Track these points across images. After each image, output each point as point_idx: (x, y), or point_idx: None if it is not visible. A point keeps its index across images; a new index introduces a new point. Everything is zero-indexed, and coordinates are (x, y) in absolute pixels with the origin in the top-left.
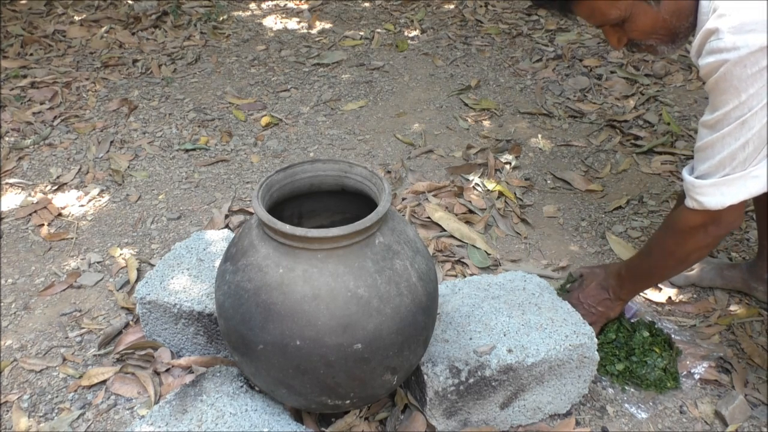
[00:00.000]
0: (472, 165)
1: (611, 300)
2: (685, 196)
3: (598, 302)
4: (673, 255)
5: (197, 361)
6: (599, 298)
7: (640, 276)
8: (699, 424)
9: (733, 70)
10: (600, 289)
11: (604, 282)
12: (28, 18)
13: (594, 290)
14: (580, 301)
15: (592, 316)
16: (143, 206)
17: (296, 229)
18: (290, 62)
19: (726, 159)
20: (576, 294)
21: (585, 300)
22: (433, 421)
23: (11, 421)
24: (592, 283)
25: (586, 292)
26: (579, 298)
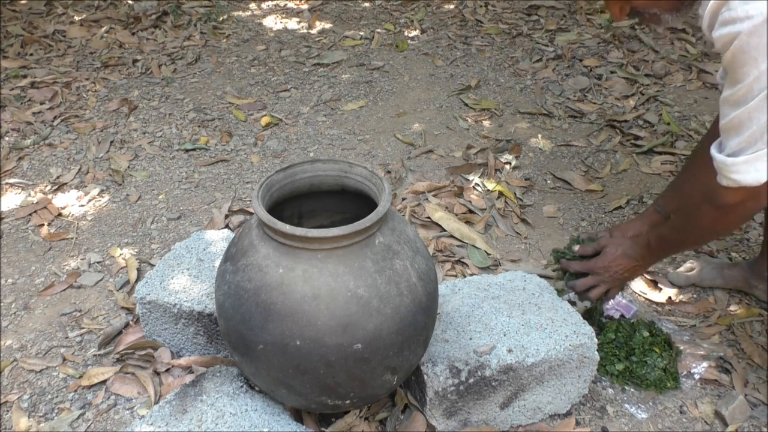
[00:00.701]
0: (472, 165)
1: (640, 266)
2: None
3: (626, 269)
4: (710, 229)
5: (197, 361)
6: (627, 265)
7: (670, 246)
8: (699, 424)
9: (748, 40)
10: (626, 258)
11: (631, 251)
12: (28, 18)
13: (621, 259)
14: (606, 268)
15: (617, 281)
16: (143, 206)
17: (296, 229)
18: (290, 62)
19: (756, 134)
20: (599, 263)
21: (612, 267)
22: (433, 421)
23: (11, 421)
24: (617, 252)
25: (613, 260)
26: (604, 266)
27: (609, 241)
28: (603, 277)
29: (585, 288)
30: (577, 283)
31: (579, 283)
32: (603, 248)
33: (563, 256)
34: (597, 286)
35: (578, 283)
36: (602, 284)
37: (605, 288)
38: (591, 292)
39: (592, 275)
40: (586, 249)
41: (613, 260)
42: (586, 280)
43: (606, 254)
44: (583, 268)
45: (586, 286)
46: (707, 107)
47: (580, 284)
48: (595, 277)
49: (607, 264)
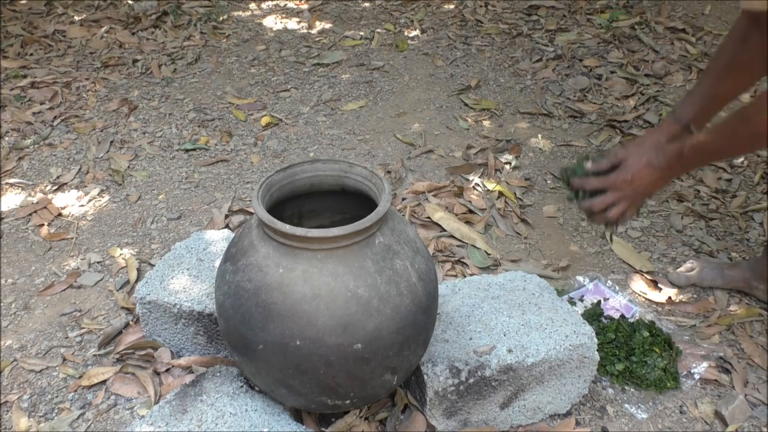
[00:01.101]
0: (472, 165)
1: (665, 178)
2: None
3: (651, 182)
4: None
5: (197, 361)
6: (653, 177)
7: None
8: (699, 424)
9: None
10: (652, 168)
11: (656, 160)
12: (28, 18)
13: (646, 169)
14: (630, 181)
15: (639, 196)
16: (143, 206)
17: (296, 229)
18: (290, 62)
19: None
20: (621, 176)
21: (636, 180)
22: (433, 421)
23: (11, 421)
24: (641, 162)
25: (637, 171)
26: (626, 179)
27: (629, 152)
28: (625, 193)
29: (604, 207)
30: (595, 201)
31: (598, 201)
32: (622, 161)
33: (574, 174)
34: (617, 204)
35: (597, 201)
36: (623, 201)
37: (626, 206)
38: (610, 211)
39: (612, 191)
40: (600, 164)
41: (638, 171)
42: (606, 198)
43: (628, 166)
44: (603, 183)
45: (605, 204)
46: None
47: (599, 203)
48: (615, 193)
49: (630, 176)
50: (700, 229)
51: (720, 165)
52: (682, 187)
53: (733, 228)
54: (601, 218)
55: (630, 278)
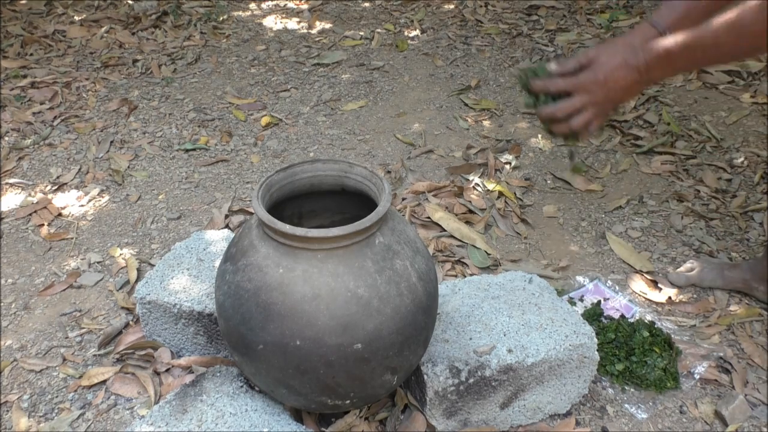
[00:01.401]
0: (472, 165)
1: (642, 82)
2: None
3: (625, 86)
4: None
5: (197, 361)
6: (627, 79)
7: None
8: (699, 424)
9: None
10: (627, 68)
11: (634, 59)
12: (28, 18)
13: (621, 70)
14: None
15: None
16: (143, 206)
17: (296, 229)
18: (290, 62)
19: None
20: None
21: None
22: (433, 421)
23: (11, 421)
24: (615, 61)
25: (610, 72)
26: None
27: (599, 51)
28: (595, 96)
29: (568, 113)
30: (559, 106)
31: (563, 105)
32: (592, 60)
33: (535, 76)
34: (584, 110)
35: (561, 105)
36: (591, 108)
37: (593, 114)
38: (575, 119)
39: (580, 94)
40: (566, 65)
41: (612, 71)
42: (573, 101)
43: (599, 65)
44: (571, 84)
45: (571, 109)
46: (707, 107)
47: (564, 107)
48: (582, 97)
49: (602, 77)
50: (700, 229)
51: (720, 165)
52: (682, 187)
53: (733, 228)
54: (563, 128)
55: (630, 278)
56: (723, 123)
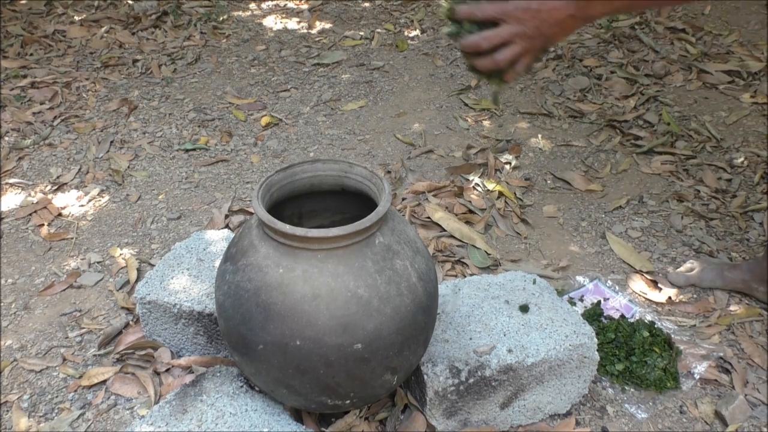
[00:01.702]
0: (472, 165)
1: (578, 18)
2: None
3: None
4: None
5: (197, 361)
6: (563, 11)
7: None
8: (699, 424)
9: None
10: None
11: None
12: (28, 18)
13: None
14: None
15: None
16: (143, 206)
17: (296, 229)
18: (290, 62)
19: None
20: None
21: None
22: (433, 421)
23: (11, 421)
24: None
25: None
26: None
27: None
28: (525, 28)
29: (494, 44)
30: (484, 35)
31: (487, 35)
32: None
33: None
34: (513, 42)
35: (486, 35)
36: (520, 40)
37: (522, 50)
38: (501, 52)
39: (509, 24)
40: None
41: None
42: (500, 32)
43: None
44: (499, 11)
45: (497, 40)
46: (707, 107)
47: (489, 37)
48: (511, 26)
49: (535, 6)
50: (700, 229)
51: (720, 165)
52: (682, 187)
53: (733, 228)
54: (487, 63)
55: (630, 278)
56: (723, 123)
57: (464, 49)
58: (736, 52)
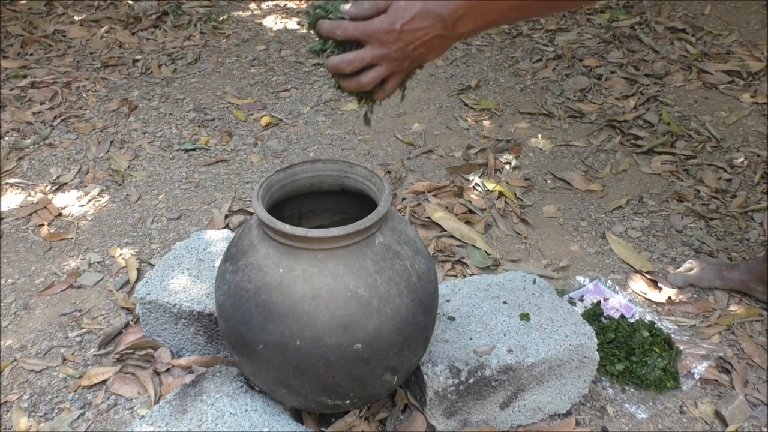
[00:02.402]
0: (472, 165)
1: (447, 37)
2: None
3: (426, 41)
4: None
5: (197, 361)
6: (429, 32)
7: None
8: (699, 424)
9: None
10: (430, 18)
11: (439, 8)
12: (28, 18)
13: (422, 20)
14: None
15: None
16: (143, 206)
17: (296, 229)
18: (290, 62)
19: None
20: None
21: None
22: (433, 421)
23: (11, 421)
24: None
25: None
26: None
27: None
28: (388, 50)
29: (356, 67)
30: (345, 59)
31: (348, 59)
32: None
33: (326, 15)
34: (377, 65)
35: (347, 59)
36: (385, 63)
37: (389, 69)
38: (366, 75)
39: (371, 45)
40: (361, 7)
41: (410, 20)
42: (362, 54)
43: (396, 11)
44: (360, 32)
45: (360, 63)
46: (707, 107)
47: (349, 60)
48: (374, 49)
49: (399, 26)
50: (700, 229)
51: (720, 165)
52: (682, 187)
53: (733, 228)
54: (352, 85)
55: (630, 278)
56: (723, 123)
57: (328, 69)
58: (736, 52)
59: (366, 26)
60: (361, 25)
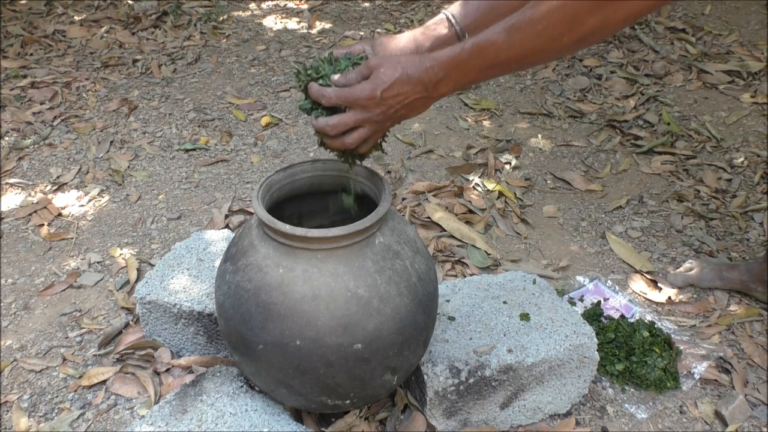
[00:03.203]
0: (472, 165)
1: (428, 98)
2: None
3: (407, 103)
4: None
5: (197, 361)
6: (410, 95)
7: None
8: (699, 424)
9: None
10: (410, 83)
11: (418, 71)
12: (28, 18)
13: (402, 85)
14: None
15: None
16: (143, 206)
17: (296, 229)
18: (290, 62)
19: None
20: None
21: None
22: (433, 421)
23: (11, 421)
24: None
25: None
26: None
27: (381, 60)
28: (370, 114)
29: (340, 130)
30: (330, 122)
31: (333, 123)
32: (373, 70)
33: (316, 76)
34: (360, 127)
35: (332, 123)
36: (367, 125)
37: (371, 130)
38: (349, 136)
39: (354, 110)
40: (348, 77)
41: (389, 87)
42: (345, 119)
43: (378, 78)
44: (343, 98)
45: (343, 127)
46: (707, 107)
47: (334, 125)
48: (356, 113)
49: (379, 93)
50: (700, 229)
51: (720, 165)
52: (682, 187)
53: (733, 228)
54: (336, 144)
55: (630, 278)
56: (723, 123)
57: (315, 129)
58: (736, 52)
59: (348, 93)
60: (344, 92)
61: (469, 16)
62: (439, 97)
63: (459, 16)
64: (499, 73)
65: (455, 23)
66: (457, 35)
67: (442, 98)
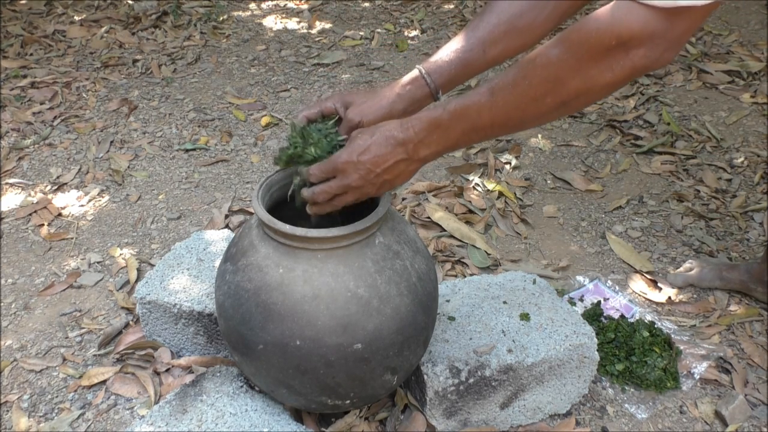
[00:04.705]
0: (472, 165)
1: (411, 161)
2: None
3: (390, 167)
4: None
5: (197, 361)
6: (391, 159)
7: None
8: (699, 424)
9: None
10: (388, 145)
11: (399, 133)
12: (28, 18)
13: (379, 147)
14: (355, 164)
15: (371, 185)
16: (143, 206)
17: (296, 229)
18: (290, 62)
19: None
20: (342, 157)
21: (365, 162)
22: (433, 421)
23: (11, 421)
24: (372, 139)
25: (364, 151)
26: (350, 161)
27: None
28: (351, 180)
29: (324, 199)
30: (317, 191)
31: (319, 191)
32: (353, 138)
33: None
34: (345, 192)
35: (318, 191)
36: (351, 191)
37: (353, 197)
38: (336, 200)
39: (338, 178)
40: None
41: (365, 150)
42: (329, 187)
43: (355, 143)
44: (325, 171)
45: (328, 197)
46: (707, 107)
47: (320, 194)
48: (340, 180)
49: (356, 157)
50: (700, 229)
51: (720, 165)
52: (682, 187)
53: (733, 228)
54: (326, 208)
55: (630, 278)
56: (723, 123)
57: (303, 200)
58: (736, 52)
59: (328, 163)
60: (324, 164)
61: (443, 75)
62: (422, 161)
63: (434, 75)
64: (483, 137)
65: (429, 82)
66: (432, 94)
67: (426, 163)
